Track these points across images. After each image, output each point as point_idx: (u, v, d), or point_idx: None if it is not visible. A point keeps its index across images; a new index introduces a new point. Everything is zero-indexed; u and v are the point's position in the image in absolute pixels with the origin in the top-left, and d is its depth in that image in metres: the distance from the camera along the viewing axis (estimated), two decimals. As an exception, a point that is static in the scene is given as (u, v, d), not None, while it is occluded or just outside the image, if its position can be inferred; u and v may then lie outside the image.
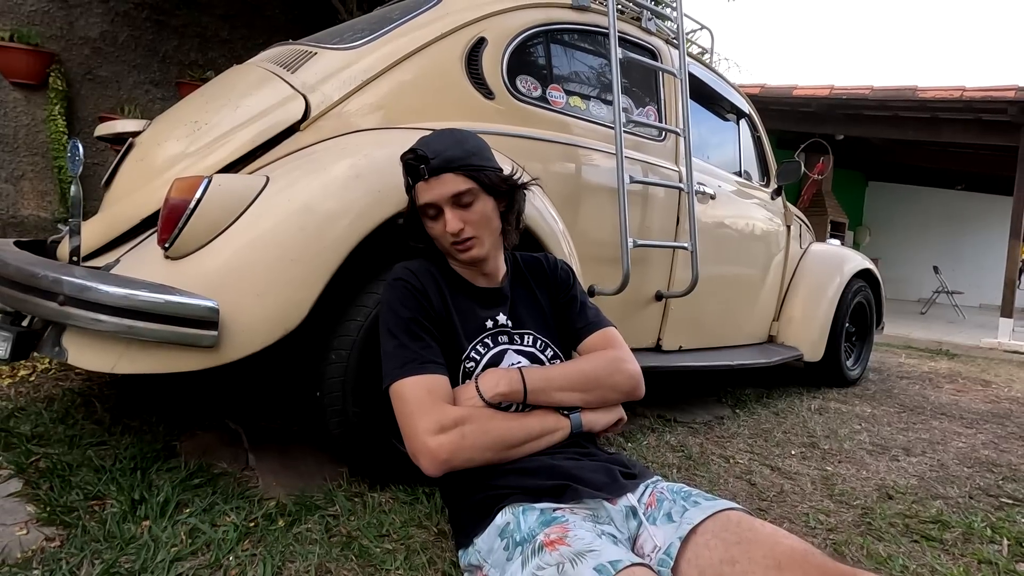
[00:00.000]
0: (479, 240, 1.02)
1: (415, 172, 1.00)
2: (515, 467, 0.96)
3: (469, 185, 0.99)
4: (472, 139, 1.04)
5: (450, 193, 0.98)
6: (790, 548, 0.78)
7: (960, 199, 11.31)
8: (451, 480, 1.02)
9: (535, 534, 0.82)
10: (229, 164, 1.43)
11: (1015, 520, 1.57)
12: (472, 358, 1.03)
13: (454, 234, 1.00)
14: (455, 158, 0.99)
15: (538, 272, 1.17)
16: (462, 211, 1.00)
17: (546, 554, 0.77)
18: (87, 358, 1.21)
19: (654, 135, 2.17)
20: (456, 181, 0.98)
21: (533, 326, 1.09)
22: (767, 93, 7.05)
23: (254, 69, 1.72)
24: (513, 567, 0.81)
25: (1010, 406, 3.05)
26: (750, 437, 2.13)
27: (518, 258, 1.19)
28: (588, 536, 0.79)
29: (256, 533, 1.16)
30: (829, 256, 3.16)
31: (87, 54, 3.67)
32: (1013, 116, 5.97)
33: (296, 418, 1.74)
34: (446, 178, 0.98)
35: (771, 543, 0.79)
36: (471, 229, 1.00)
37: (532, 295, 1.14)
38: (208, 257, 1.23)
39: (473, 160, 1.00)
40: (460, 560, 0.97)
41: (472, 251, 1.02)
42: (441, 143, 1.00)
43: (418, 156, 0.99)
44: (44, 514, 1.14)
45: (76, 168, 1.32)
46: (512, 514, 0.88)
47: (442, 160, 0.98)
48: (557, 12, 1.91)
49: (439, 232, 1.02)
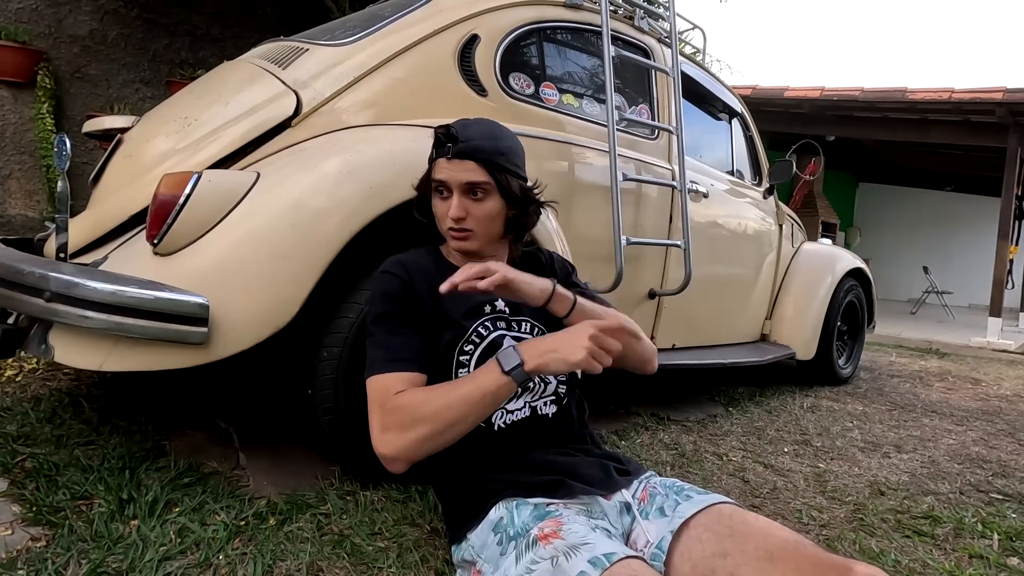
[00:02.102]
0: (474, 235, 1.01)
1: (441, 146, 0.99)
2: (509, 462, 0.95)
3: (486, 179, 0.98)
4: (509, 140, 1.03)
5: (465, 180, 0.98)
6: (782, 540, 0.78)
7: (949, 200, 11.43)
8: (444, 476, 1.02)
9: (529, 528, 0.82)
10: (219, 160, 1.42)
11: (1005, 515, 1.59)
12: (472, 340, 1.01)
13: (454, 220, 0.99)
14: (483, 149, 0.98)
15: (535, 266, 1.16)
16: (470, 201, 0.99)
17: (540, 548, 0.77)
18: (74, 356, 1.19)
19: (647, 133, 2.17)
20: (475, 171, 0.98)
21: (530, 313, 1.07)
22: (759, 94, 7.09)
23: (245, 65, 1.71)
24: (507, 562, 0.80)
25: (999, 404, 3.07)
26: (743, 435, 2.13)
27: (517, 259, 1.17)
28: (582, 530, 0.78)
29: (246, 532, 1.15)
30: (821, 255, 3.18)
31: (76, 52, 3.63)
32: (1001, 117, 6.04)
33: (287, 416, 1.72)
34: (467, 164, 0.97)
35: (763, 535, 0.79)
36: (471, 222, 1.00)
37: None
38: (198, 253, 1.22)
39: (499, 159, 0.99)
40: (453, 555, 0.96)
41: (464, 243, 1.02)
42: (476, 130, 1.00)
43: (449, 134, 0.98)
44: (30, 514, 1.12)
45: (63, 164, 1.31)
46: (506, 509, 0.88)
47: (470, 146, 0.97)
48: (550, 10, 1.91)
49: (442, 212, 1.01)
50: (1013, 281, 7.47)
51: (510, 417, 1.00)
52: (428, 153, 1.04)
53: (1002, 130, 6.23)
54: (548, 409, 1.03)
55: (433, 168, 1.02)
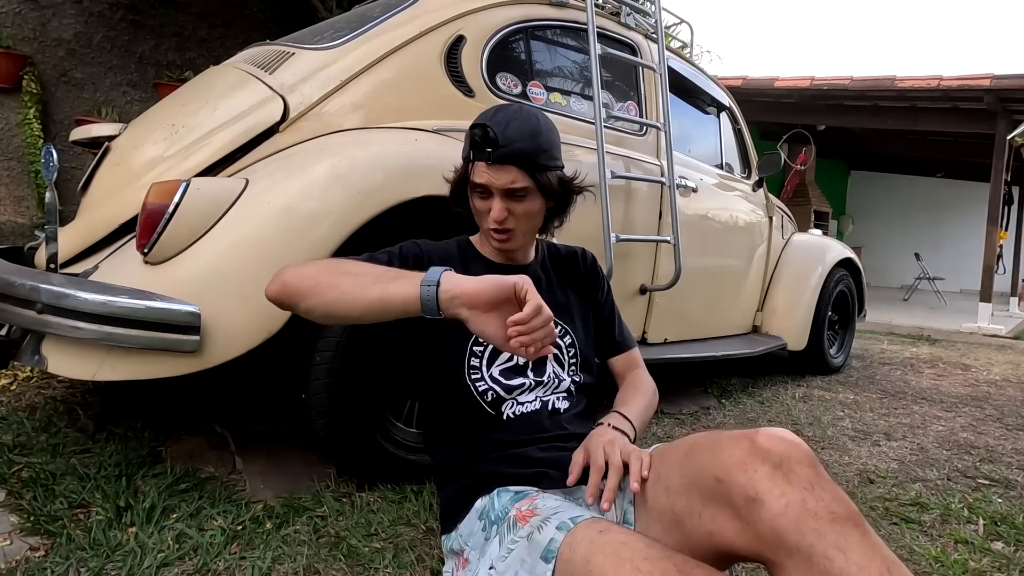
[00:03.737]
0: (516, 233, 1.00)
1: (479, 150, 0.95)
2: (500, 456, 0.96)
3: (528, 184, 0.95)
4: (548, 132, 0.99)
5: (507, 185, 0.95)
6: (694, 437, 0.82)
7: (940, 187, 11.50)
8: (443, 463, 1.03)
9: (508, 510, 0.84)
10: (208, 167, 1.42)
11: (991, 500, 1.62)
12: (481, 342, 1.00)
13: (497, 222, 0.97)
14: (525, 153, 0.94)
15: (571, 266, 1.15)
16: (512, 202, 0.97)
17: (518, 528, 0.79)
18: (67, 366, 1.20)
19: (635, 130, 2.18)
20: (517, 176, 0.94)
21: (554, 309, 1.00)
22: (749, 85, 7.10)
23: (231, 70, 1.70)
24: (491, 546, 0.82)
25: (988, 389, 3.12)
26: (736, 426, 2.16)
27: (551, 247, 1.16)
28: (554, 503, 0.81)
29: (244, 536, 1.16)
30: (811, 246, 3.20)
31: (61, 56, 3.60)
32: (989, 104, 6.07)
33: (284, 419, 1.74)
34: (509, 170, 0.94)
35: (681, 443, 0.83)
36: (512, 221, 0.98)
37: (560, 282, 1.12)
38: (188, 261, 1.22)
39: (541, 159, 0.96)
40: (443, 545, 0.98)
41: (507, 243, 1.01)
42: (517, 131, 0.94)
43: (488, 138, 0.93)
44: (28, 524, 1.13)
45: (50, 175, 1.31)
46: (488, 497, 0.90)
47: (512, 152, 0.93)
48: (536, 9, 1.92)
49: (482, 210, 0.99)
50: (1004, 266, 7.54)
51: (520, 408, 1.00)
52: (417, 156, 1.04)
53: (990, 116, 6.26)
54: (560, 404, 1.03)
55: (472, 170, 0.98)
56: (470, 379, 0.99)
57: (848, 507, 0.66)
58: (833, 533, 0.63)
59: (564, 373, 1.05)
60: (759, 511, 0.67)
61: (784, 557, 0.65)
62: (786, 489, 0.66)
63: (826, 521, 0.64)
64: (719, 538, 0.72)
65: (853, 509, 0.66)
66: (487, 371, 1.00)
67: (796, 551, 0.64)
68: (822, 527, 0.63)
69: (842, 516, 0.64)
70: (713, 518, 0.72)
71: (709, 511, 0.73)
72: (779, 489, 0.67)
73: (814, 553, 0.63)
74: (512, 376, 1.00)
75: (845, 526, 0.64)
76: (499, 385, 0.99)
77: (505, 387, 0.99)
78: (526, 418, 0.99)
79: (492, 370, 1.00)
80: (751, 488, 0.68)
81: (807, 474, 0.68)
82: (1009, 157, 6.28)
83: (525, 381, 1.00)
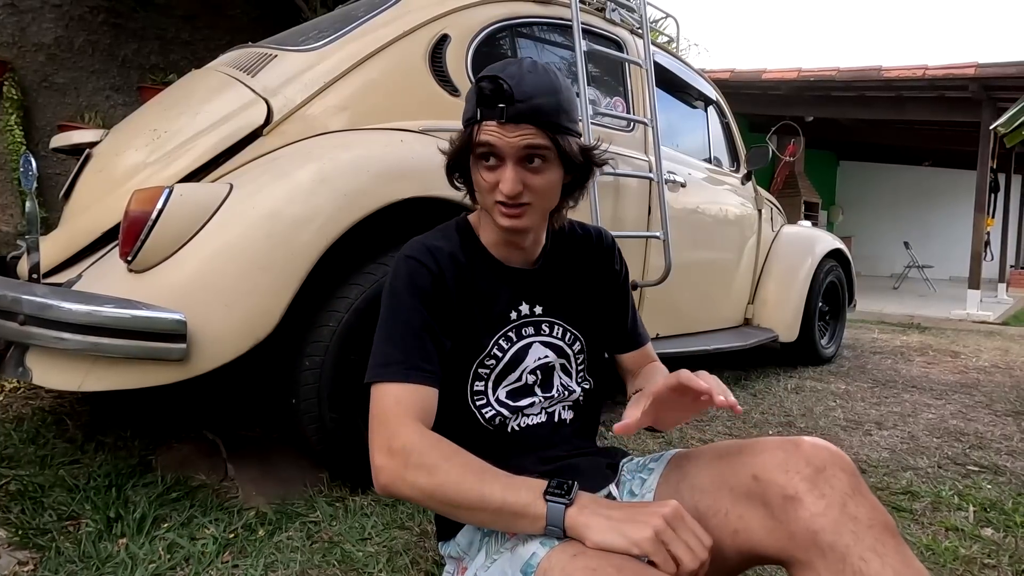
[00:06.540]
0: (531, 209, 0.84)
1: (489, 105, 0.79)
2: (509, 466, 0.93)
3: (547, 144, 0.80)
4: (567, 89, 0.83)
5: (523, 145, 0.79)
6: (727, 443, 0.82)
7: (928, 175, 11.59)
8: None
9: None
10: (191, 172, 1.41)
11: (981, 487, 1.63)
12: (494, 355, 0.92)
13: (509, 196, 0.81)
14: (545, 109, 0.79)
15: (588, 250, 1.02)
16: (527, 172, 0.81)
17: (505, 539, 0.78)
18: (53, 377, 1.19)
19: (622, 126, 2.18)
20: (535, 135, 0.79)
21: (564, 315, 0.97)
22: (737, 78, 7.12)
23: (213, 74, 1.69)
24: (480, 556, 0.82)
25: (977, 376, 3.15)
26: (728, 419, 2.16)
27: (565, 228, 1.00)
28: None
29: (237, 544, 1.15)
30: (800, 238, 3.22)
31: (42, 61, 3.55)
32: (974, 93, 6.12)
33: (275, 425, 1.73)
34: (526, 128, 0.78)
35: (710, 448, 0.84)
36: (528, 195, 0.82)
37: (572, 275, 0.99)
38: (173, 269, 1.21)
39: (563, 119, 0.81)
40: (441, 551, 0.97)
41: (519, 220, 0.84)
42: (534, 84, 0.79)
43: (502, 91, 0.78)
44: (16, 537, 1.12)
45: (30, 184, 1.29)
46: None
47: (530, 107, 0.78)
48: (520, 6, 1.91)
49: (488, 183, 0.83)
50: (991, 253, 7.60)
51: (526, 420, 0.95)
52: (404, 157, 0.96)
53: (975, 105, 6.32)
54: (566, 415, 0.98)
55: (477, 130, 0.81)
56: (475, 405, 0.91)
57: (886, 517, 0.67)
58: (871, 538, 0.64)
59: (573, 382, 0.98)
60: (796, 510, 0.68)
61: (816, 557, 0.66)
62: (826, 491, 0.68)
63: (864, 525, 0.65)
64: (744, 536, 0.72)
65: (891, 520, 0.68)
66: (493, 394, 0.92)
67: (831, 551, 0.65)
68: (860, 530, 0.65)
69: (880, 524, 0.66)
70: (741, 516, 0.72)
71: (738, 509, 0.73)
72: (819, 491, 0.68)
73: (849, 554, 0.64)
74: (520, 397, 0.93)
75: (883, 533, 0.65)
76: (507, 408, 0.92)
77: (512, 408, 0.92)
78: (530, 431, 0.95)
79: (499, 392, 0.92)
80: (791, 487, 0.69)
81: (848, 481, 0.69)
82: (994, 145, 6.34)
83: (535, 399, 0.93)
